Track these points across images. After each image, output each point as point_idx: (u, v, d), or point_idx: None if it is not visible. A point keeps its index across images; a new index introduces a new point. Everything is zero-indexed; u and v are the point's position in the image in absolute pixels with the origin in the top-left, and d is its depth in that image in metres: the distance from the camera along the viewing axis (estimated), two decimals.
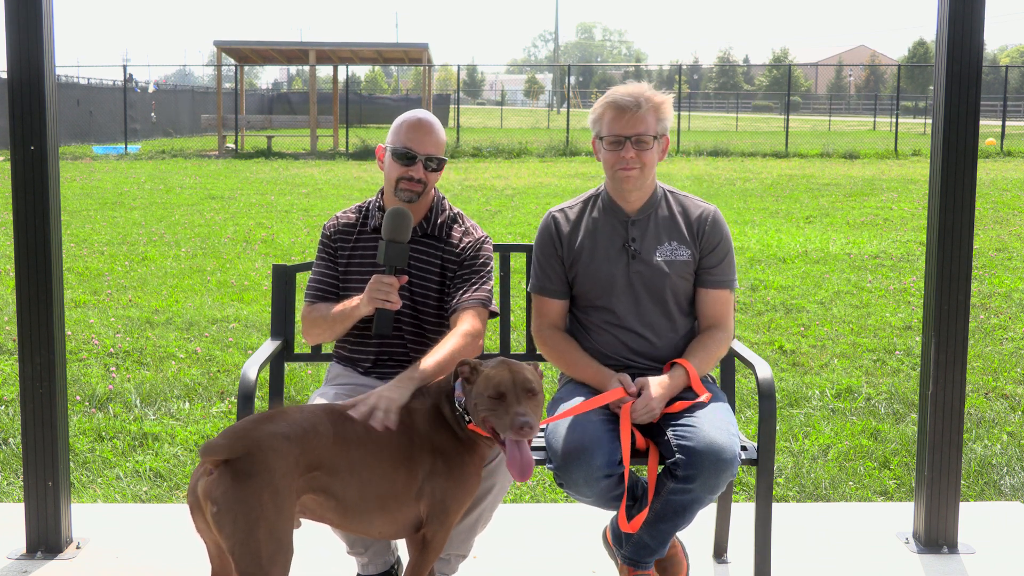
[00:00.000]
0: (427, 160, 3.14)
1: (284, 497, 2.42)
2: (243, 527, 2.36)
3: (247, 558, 2.37)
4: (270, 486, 2.39)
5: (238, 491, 2.36)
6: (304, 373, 6.03)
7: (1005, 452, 4.85)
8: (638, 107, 3.10)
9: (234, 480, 2.37)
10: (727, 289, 3.23)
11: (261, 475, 2.39)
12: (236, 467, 2.38)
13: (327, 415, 2.65)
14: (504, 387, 2.63)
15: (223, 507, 2.37)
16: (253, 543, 2.37)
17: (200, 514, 2.44)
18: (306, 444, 2.51)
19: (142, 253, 10.62)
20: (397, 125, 3.20)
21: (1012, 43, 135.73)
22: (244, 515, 2.36)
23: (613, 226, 3.23)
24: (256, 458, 2.40)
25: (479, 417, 2.67)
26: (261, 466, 2.39)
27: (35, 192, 3.45)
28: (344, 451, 2.59)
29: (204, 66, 56.90)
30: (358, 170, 21.73)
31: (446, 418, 2.76)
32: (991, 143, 29.33)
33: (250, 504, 2.37)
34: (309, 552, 3.55)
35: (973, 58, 3.47)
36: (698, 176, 20.30)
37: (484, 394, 2.65)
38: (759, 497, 3.13)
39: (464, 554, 3.06)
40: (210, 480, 2.40)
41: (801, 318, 7.73)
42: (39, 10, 3.38)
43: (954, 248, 3.54)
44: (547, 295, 3.28)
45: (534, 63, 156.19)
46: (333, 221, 3.32)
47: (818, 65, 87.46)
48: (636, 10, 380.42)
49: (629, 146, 3.11)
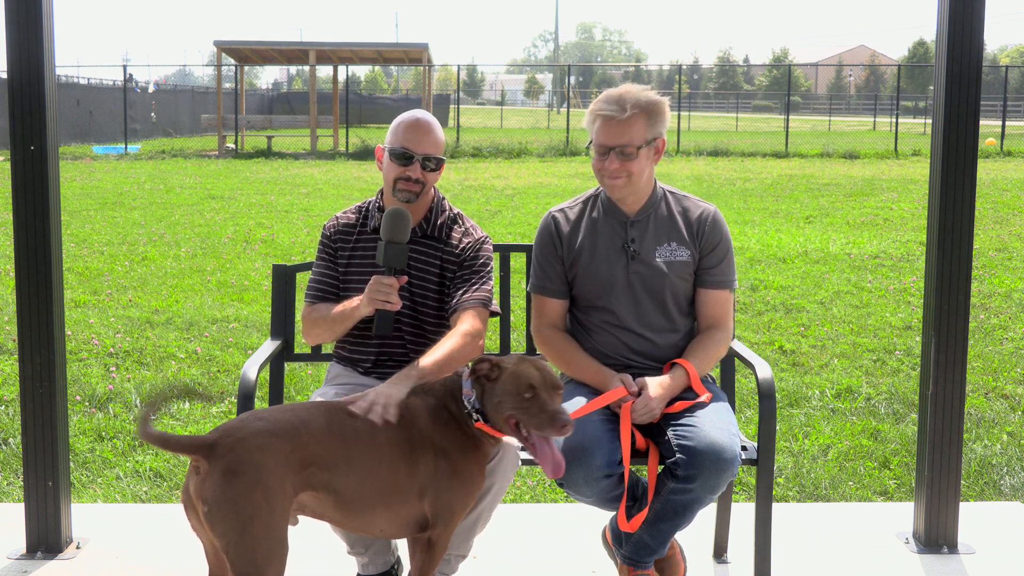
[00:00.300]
0: (425, 160, 3.14)
1: (276, 494, 2.40)
2: (235, 526, 2.35)
3: (241, 557, 2.36)
4: (261, 484, 2.38)
5: (228, 490, 2.35)
6: (304, 373, 6.03)
7: (1005, 452, 4.85)
8: (624, 116, 3.06)
9: (223, 479, 2.36)
10: (727, 289, 3.23)
11: (250, 473, 2.37)
12: (225, 466, 2.37)
13: (320, 410, 2.63)
14: (535, 384, 2.62)
15: (214, 507, 2.36)
16: (247, 542, 2.35)
17: (194, 513, 2.43)
18: (297, 440, 2.49)
19: (142, 253, 10.62)
20: (395, 125, 3.20)
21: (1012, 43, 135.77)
22: (236, 514, 2.35)
23: (613, 227, 3.22)
24: (243, 456, 2.38)
25: (503, 415, 2.64)
26: (249, 464, 2.38)
27: (35, 192, 3.45)
28: (340, 446, 2.57)
29: (204, 66, 56.95)
30: (358, 170, 21.73)
31: (451, 417, 2.74)
32: (991, 143, 29.33)
33: (241, 503, 2.35)
34: (309, 551, 3.55)
35: (973, 58, 3.47)
36: (698, 176, 20.30)
37: (512, 391, 2.62)
38: (759, 497, 3.13)
39: (464, 554, 3.06)
40: (200, 479, 2.39)
41: (801, 318, 7.73)
42: (39, 10, 3.38)
43: (954, 248, 3.54)
44: (547, 295, 3.28)
45: (534, 63, 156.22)
46: (333, 221, 3.32)
47: (818, 65, 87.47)
48: (636, 10, 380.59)
49: (613, 157, 3.09)
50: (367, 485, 2.59)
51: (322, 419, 2.60)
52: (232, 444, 2.40)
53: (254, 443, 2.42)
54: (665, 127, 3.16)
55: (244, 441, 2.41)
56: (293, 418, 2.54)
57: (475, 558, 3.49)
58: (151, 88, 39.57)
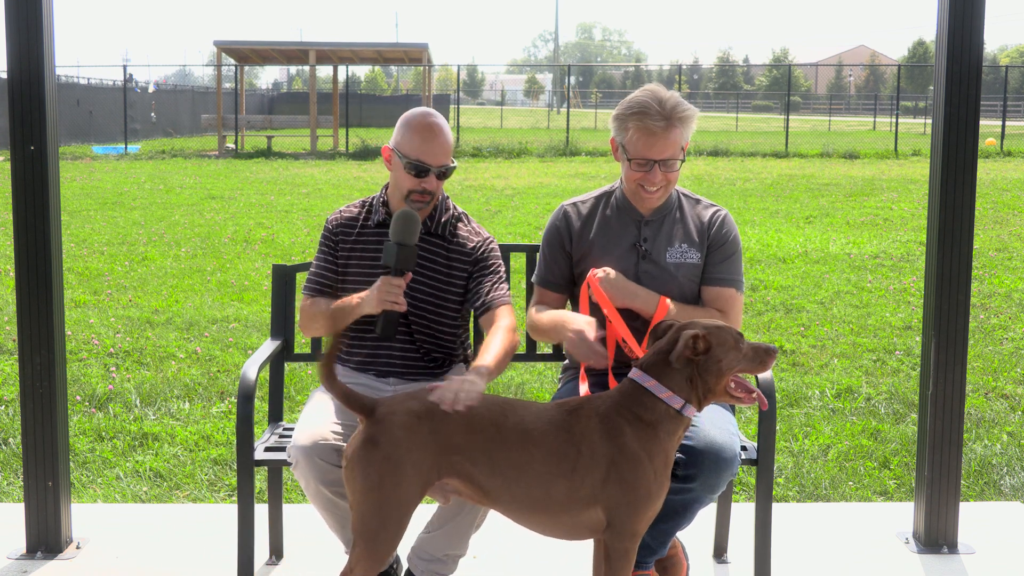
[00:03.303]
0: (440, 172, 3.13)
1: (406, 471, 2.53)
2: (360, 489, 2.54)
3: (359, 518, 2.57)
4: (392, 459, 2.52)
5: (363, 455, 2.54)
6: (304, 373, 6.03)
7: (1005, 452, 4.85)
8: (669, 129, 3.04)
9: (363, 444, 2.55)
10: (731, 288, 3.20)
11: (386, 447, 2.53)
12: (370, 433, 2.56)
13: (483, 404, 2.61)
14: (733, 332, 2.65)
15: (349, 465, 2.57)
16: (366, 507, 2.54)
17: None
18: (440, 426, 2.56)
19: (142, 253, 10.62)
20: (407, 131, 3.13)
21: (1012, 43, 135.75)
22: (363, 479, 2.54)
23: (625, 224, 3.21)
24: (387, 429, 2.55)
25: (726, 376, 2.62)
26: (389, 438, 2.54)
27: (35, 192, 3.45)
28: (482, 444, 2.56)
29: (204, 66, 56.95)
30: (358, 170, 21.74)
31: (626, 424, 2.59)
32: (991, 143, 29.32)
33: (370, 470, 2.53)
34: (308, 551, 3.55)
35: (973, 58, 3.47)
36: (698, 176, 20.29)
37: (731, 346, 2.61)
38: (759, 497, 3.13)
39: (461, 554, 3.05)
40: (352, 438, 2.60)
41: (801, 318, 7.73)
42: (39, 10, 3.38)
43: (954, 248, 3.54)
44: (549, 288, 3.27)
45: (534, 63, 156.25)
46: (336, 215, 3.31)
47: (818, 65, 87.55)
48: (636, 10, 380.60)
49: (657, 170, 3.07)
50: (517, 490, 2.56)
51: (475, 413, 2.59)
52: (383, 415, 2.57)
53: (400, 420, 2.55)
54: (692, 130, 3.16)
55: (393, 415, 2.56)
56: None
57: (475, 558, 3.49)
58: (151, 88, 39.55)
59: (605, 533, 2.60)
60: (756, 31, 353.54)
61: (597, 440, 2.57)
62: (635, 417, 2.59)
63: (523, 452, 2.56)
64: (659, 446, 2.59)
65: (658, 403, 2.60)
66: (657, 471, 2.58)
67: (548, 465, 2.55)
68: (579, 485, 2.55)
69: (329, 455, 2.87)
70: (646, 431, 2.58)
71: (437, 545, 3.00)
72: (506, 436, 2.57)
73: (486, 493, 2.59)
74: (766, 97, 78.17)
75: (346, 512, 2.93)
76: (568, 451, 2.56)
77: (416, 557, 3.04)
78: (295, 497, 4.23)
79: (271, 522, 3.51)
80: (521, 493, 2.56)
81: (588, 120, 50.52)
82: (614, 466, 2.55)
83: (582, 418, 2.61)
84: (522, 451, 2.56)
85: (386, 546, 2.57)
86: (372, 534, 2.55)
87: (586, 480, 2.55)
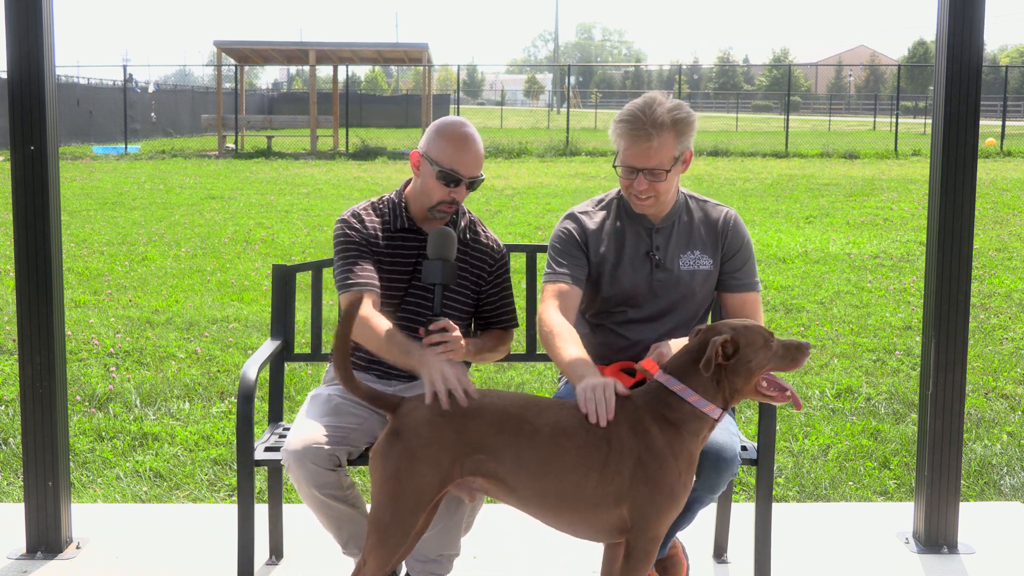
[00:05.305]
0: (471, 183, 3.12)
1: (425, 467, 2.57)
2: (379, 479, 2.60)
3: (374, 508, 2.61)
4: (413, 454, 2.57)
5: (386, 447, 2.61)
6: (304, 373, 6.04)
7: (1005, 452, 4.85)
8: (652, 138, 2.95)
9: (387, 437, 2.62)
10: (754, 291, 3.19)
11: (408, 441, 2.59)
12: (394, 427, 2.62)
13: (514, 403, 2.63)
14: (763, 331, 2.64)
15: (373, 456, 2.63)
16: (382, 496, 2.59)
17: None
18: (464, 425, 2.59)
19: (142, 253, 10.62)
20: (442, 140, 3.09)
21: (1012, 43, 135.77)
22: (383, 469, 2.60)
23: (637, 233, 3.16)
24: (410, 424, 2.61)
25: (756, 376, 2.61)
26: (411, 433, 2.60)
27: (35, 192, 3.45)
28: (509, 442, 2.56)
29: (204, 66, 56.97)
30: (358, 170, 21.74)
31: (653, 423, 2.58)
32: (991, 143, 29.33)
33: (389, 462, 2.59)
34: (308, 551, 3.55)
35: (973, 58, 3.47)
36: (698, 176, 20.30)
37: (760, 345, 2.60)
38: (759, 497, 3.13)
39: (455, 553, 3.05)
40: (385, 427, 2.67)
41: (801, 318, 7.73)
42: (39, 10, 3.38)
43: (954, 248, 3.54)
44: (576, 284, 3.10)
45: (534, 63, 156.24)
46: (356, 218, 3.17)
47: (818, 65, 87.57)
48: (636, 10, 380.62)
49: (642, 178, 3.00)
50: (545, 486, 2.56)
51: (502, 412, 2.60)
52: (408, 411, 2.63)
53: (423, 416, 2.61)
54: (692, 138, 3.05)
55: (416, 411, 2.63)
56: (475, 404, 2.62)
57: (475, 558, 3.49)
58: (151, 88, 39.54)
59: (628, 534, 2.60)
60: (756, 31, 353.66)
61: (625, 436, 2.57)
62: (660, 417, 2.59)
63: (555, 446, 2.57)
64: (684, 446, 2.59)
65: (683, 404, 2.61)
66: (682, 471, 2.58)
67: (580, 457, 2.56)
68: (609, 480, 2.55)
69: (321, 459, 2.86)
70: (671, 431, 2.59)
71: (430, 546, 3.01)
72: (537, 430, 2.58)
73: (513, 490, 2.59)
74: (766, 97, 78.19)
75: (340, 514, 2.95)
76: (599, 445, 2.57)
77: (412, 559, 3.04)
78: (295, 497, 4.23)
79: (271, 522, 3.51)
80: (551, 486, 2.56)
81: (588, 120, 50.52)
82: (641, 464, 2.55)
83: (616, 416, 2.61)
84: (554, 445, 2.57)
85: (397, 537, 2.59)
86: (384, 524, 2.58)
87: (616, 476, 2.55)
